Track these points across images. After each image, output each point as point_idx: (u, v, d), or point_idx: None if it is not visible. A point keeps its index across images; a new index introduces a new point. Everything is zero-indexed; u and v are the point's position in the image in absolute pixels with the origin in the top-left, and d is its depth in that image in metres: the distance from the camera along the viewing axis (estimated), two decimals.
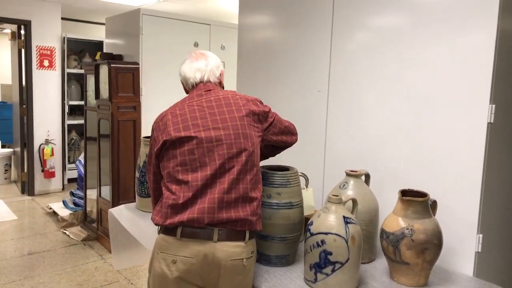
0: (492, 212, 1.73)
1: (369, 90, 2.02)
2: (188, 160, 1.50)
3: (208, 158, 1.49)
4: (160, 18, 4.04)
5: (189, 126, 1.53)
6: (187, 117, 1.55)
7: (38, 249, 3.74)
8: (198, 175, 1.48)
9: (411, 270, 1.52)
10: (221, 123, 1.53)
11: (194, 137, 1.51)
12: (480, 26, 1.62)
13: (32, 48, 5.18)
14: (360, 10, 2.04)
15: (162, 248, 1.48)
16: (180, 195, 1.47)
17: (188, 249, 1.45)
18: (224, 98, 1.60)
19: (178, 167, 1.50)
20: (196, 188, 1.46)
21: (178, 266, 1.45)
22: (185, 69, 1.71)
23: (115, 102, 3.56)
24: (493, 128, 1.61)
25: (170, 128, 1.54)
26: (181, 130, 1.52)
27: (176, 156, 1.51)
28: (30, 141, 5.30)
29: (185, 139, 1.51)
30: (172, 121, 1.55)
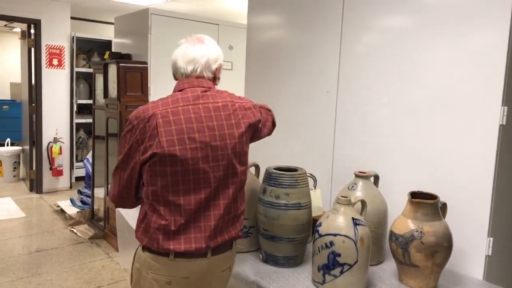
0: (503, 215, 1.71)
1: (378, 91, 2.01)
2: (181, 181, 1.33)
3: (203, 180, 1.35)
4: (168, 18, 4.04)
5: (184, 140, 1.32)
6: (183, 127, 1.33)
7: (45, 246, 3.76)
8: (191, 198, 1.34)
9: (421, 273, 1.50)
10: (219, 140, 1.36)
11: (190, 158, 1.32)
12: (492, 27, 1.60)
13: (42, 47, 5.21)
14: (369, 11, 2.03)
15: (153, 269, 1.37)
16: (171, 219, 1.33)
17: (184, 269, 1.37)
18: (223, 107, 1.41)
19: (168, 187, 1.33)
20: (189, 213, 1.34)
21: (173, 287, 1.38)
22: (177, 55, 1.46)
23: (123, 101, 3.57)
24: (505, 130, 1.60)
25: (162, 139, 1.30)
26: (176, 145, 1.31)
27: (166, 175, 1.32)
28: (39, 139, 5.34)
29: (179, 158, 1.31)
30: (164, 128, 1.31)
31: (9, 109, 7.83)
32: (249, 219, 1.79)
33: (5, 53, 8.68)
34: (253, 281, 1.57)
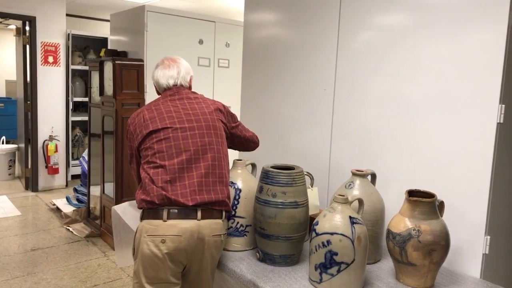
0: (500, 213, 1.71)
1: (376, 89, 2.00)
2: (165, 147, 1.67)
3: (183, 145, 1.68)
4: (165, 15, 4.02)
5: (164, 119, 1.72)
6: (162, 111, 1.75)
7: (41, 245, 3.74)
8: (174, 160, 1.65)
9: (418, 271, 1.50)
10: (194, 116, 1.75)
11: (170, 127, 1.70)
12: (490, 25, 1.59)
13: (37, 44, 5.18)
14: (367, 9, 2.02)
15: (149, 232, 1.61)
16: (158, 178, 1.63)
17: (176, 228, 1.59)
18: (195, 98, 1.84)
19: (156, 154, 1.67)
20: (173, 172, 1.64)
21: (167, 244, 1.59)
22: (158, 75, 1.88)
23: (119, 99, 3.55)
24: (502, 128, 1.59)
25: (148, 122, 1.72)
26: (158, 122, 1.71)
27: (153, 145, 1.69)
28: (34, 137, 5.31)
29: (161, 130, 1.70)
30: (148, 115, 1.74)
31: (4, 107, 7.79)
32: (245, 218, 1.78)
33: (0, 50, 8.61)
34: (249, 280, 1.56)
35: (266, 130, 2.56)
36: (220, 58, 4.38)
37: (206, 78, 4.26)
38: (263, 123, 2.61)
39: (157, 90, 1.93)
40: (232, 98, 4.00)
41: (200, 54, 4.23)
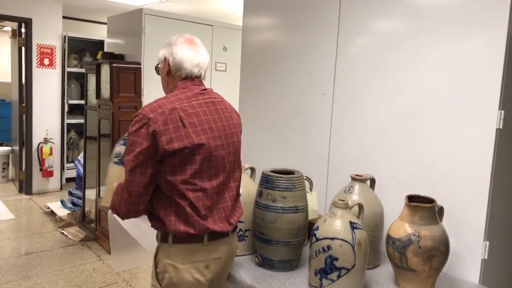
0: (499, 219, 1.71)
1: (374, 94, 2.00)
2: (206, 167, 1.44)
3: (222, 165, 1.49)
4: (162, 18, 4.02)
5: (206, 130, 1.45)
6: (202, 119, 1.46)
7: (35, 249, 3.70)
8: (213, 183, 1.46)
9: (418, 277, 1.50)
10: (228, 129, 1.53)
11: (213, 146, 1.45)
12: (489, 31, 1.60)
13: (33, 46, 5.15)
14: (366, 14, 2.02)
15: (190, 258, 1.44)
16: (200, 204, 1.42)
17: (217, 250, 1.49)
18: (221, 102, 1.58)
19: (196, 174, 1.42)
20: (213, 196, 1.46)
21: (211, 269, 1.48)
22: (183, 56, 1.51)
23: (116, 102, 3.54)
24: (501, 134, 1.60)
25: (188, 130, 1.41)
26: (201, 134, 1.43)
27: (195, 163, 1.41)
28: (29, 140, 5.26)
29: (205, 145, 1.43)
30: (188, 120, 1.42)
31: None
32: (245, 222, 1.77)
33: None
34: (249, 285, 1.56)
35: (264, 134, 2.56)
36: (217, 62, 4.38)
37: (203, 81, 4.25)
38: (261, 127, 2.61)
39: (171, 70, 1.54)
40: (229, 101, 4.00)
41: None
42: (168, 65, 1.53)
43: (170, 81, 1.57)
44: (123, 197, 1.42)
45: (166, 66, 1.54)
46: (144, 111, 1.40)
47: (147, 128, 1.37)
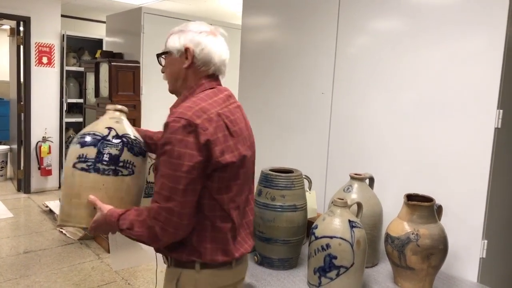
0: (498, 218, 1.72)
1: (373, 94, 2.01)
2: (242, 181, 1.30)
3: (250, 178, 1.38)
4: (161, 17, 4.01)
5: (245, 140, 1.32)
6: (240, 127, 1.31)
7: (34, 247, 3.70)
8: (242, 197, 1.32)
9: (416, 275, 1.50)
10: (252, 138, 1.40)
11: (248, 155, 1.32)
12: (488, 31, 1.61)
13: (31, 44, 5.13)
14: (365, 14, 2.03)
15: (218, 283, 1.30)
16: (236, 222, 1.29)
17: (242, 271, 1.39)
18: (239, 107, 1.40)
19: (239, 190, 1.29)
20: (243, 213, 1.35)
21: None
22: (215, 49, 1.32)
23: (115, 100, 3.53)
24: (500, 134, 1.60)
25: (236, 140, 1.26)
26: (243, 145, 1.30)
27: (239, 177, 1.27)
28: (27, 139, 5.25)
29: (247, 158, 1.30)
30: (233, 129, 1.26)
31: None
32: None
33: None
34: (248, 284, 1.56)
35: (263, 133, 2.56)
36: None
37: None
38: (261, 126, 2.61)
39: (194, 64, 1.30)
40: None
41: None
42: (192, 57, 1.29)
43: (190, 76, 1.32)
44: (171, 223, 1.17)
45: (188, 58, 1.30)
46: (187, 116, 1.18)
47: (196, 136, 1.16)
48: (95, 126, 1.42)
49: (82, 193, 1.32)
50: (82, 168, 1.32)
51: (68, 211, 1.35)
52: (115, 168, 1.33)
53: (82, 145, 1.34)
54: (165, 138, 1.18)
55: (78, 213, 1.34)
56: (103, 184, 1.33)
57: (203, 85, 1.32)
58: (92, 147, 1.33)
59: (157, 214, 1.17)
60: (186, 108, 1.21)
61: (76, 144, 1.36)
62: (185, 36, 1.32)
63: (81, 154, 1.33)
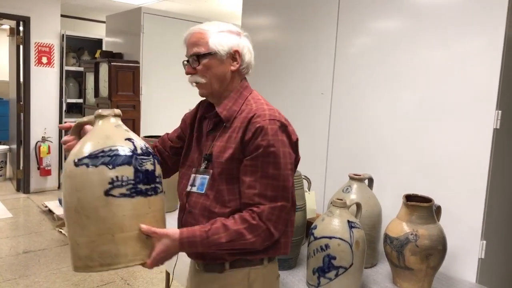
0: (496, 218, 1.72)
1: (373, 94, 2.01)
2: None
3: None
4: (161, 17, 4.01)
5: None
6: None
7: (33, 247, 3.70)
8: None
9: (415, 275, 1.50)
10: None
11: None
12: (487, 31, 1.61)
13: (31, 44, 5.13)
14: (365, 14, 2.03)
15: (276, 274, 1.36)
16: None
17: None
18: None
19: None
20: None
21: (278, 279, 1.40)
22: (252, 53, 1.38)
23: (114, 100, 3.54)
24: (499, 134, 1.61)
25: None
26: None
27: None
28: (27, 139, 5.25)
29: None
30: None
31: None
32: None
33: None
34: None
35: None
36: None
37: None
38: None
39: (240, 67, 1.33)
40: None
41: None
42: (240, 60, 1.32)
43: (235, 79, 1.34)
44: (282, 220, 1.22)
45: (238, 60, 1.31)
46: (278, 117, 1.26)
47: (288, 136, 1.26)
48: (108, 139, 1.15)
49: (127, 224, 1.11)
50: (122, 194, 1.10)
51: (113, 250, 1.10)
52: (155, 185, 1.17)
53: (112, 166, 1.10)
54: (267, 141, 1.19)
55: (129, 249, 1.11)
56: (149, 207, 1.15)
57: (248, 87, 1.38)
58: (127, 166, 1.11)
59: (270, 215, 1.18)
60: (270, 110, 1.27)
61: (98, 166, 1.10)
62: (231, 38, 1.32)
63: (116, 177, 1.10)
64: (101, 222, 1.09)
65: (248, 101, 1.32)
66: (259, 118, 1.23)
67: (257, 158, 1.20)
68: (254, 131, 1.21)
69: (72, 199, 1.12)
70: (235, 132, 1.26)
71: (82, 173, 1.10)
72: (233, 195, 1.24)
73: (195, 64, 1.30)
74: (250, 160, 1.21)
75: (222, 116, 1.30)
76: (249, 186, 1.20)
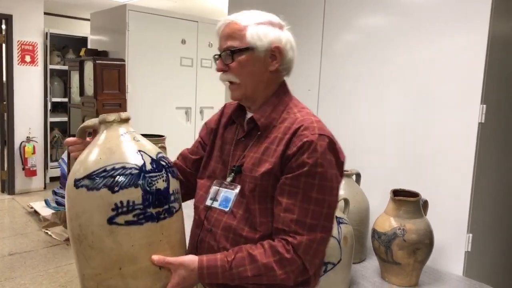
0: (482, 211, 1.74)
1: (359, 90, 2.01)
2: None
3: None
4: (146, 14, 3.97)
5: None
6: None
7: (19, 249, 3.63)
8: None
9: (403, 270, 1.51)
10: None
11: None
12: (472, 27, 1.62)
13: (14, 43, 5.03)
14: (351, 11, 2.03)
15: None
16: None
17: None
18: None
19: None
20: None
21: None
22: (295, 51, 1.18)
23: (100, 99, 3.49)
24: (483, 128, 1.62)
25: None
26: None
27: None
28: (11, 139, 5.16)
29: None
30: None
31: None
32: None
33: None
34: None
35: None
36: (203, 58, 4.35)
37: (189, 78, 4.22)
38: None
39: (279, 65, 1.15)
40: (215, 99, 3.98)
41: (183, 54, 4.19)
42: (280, 58, 1.14)
43: (273, 81, 1.17)
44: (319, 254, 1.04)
45: (275, 59, 1.14)
46: (327, 132, 1.08)
47: (336, 155, 1.07)
48: (112, 154, 0.98)
49: (136, 256, 0.95)
50: (128, 222, 0.94)
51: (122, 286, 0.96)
52: (168, 206, 0.99)
53: (113, 189, 0.93)
54: (314, 159, 1.01)
55: (140, 283, 0.97)
56: (162, 233, 0.98)
57: (288, 92, 1.18)
58: (133, 189, 0.94)
59: (307, 248, 1.00)
60: (319, 123, 1.08)
61: (100, 189, 0.93)
62: (272, 31, 1.13)
63: (120, 203, 0.93)
64: (106, 253, 0.95)
65: (290, 108, 1.14)
66: (307, 131, 1.05)
67: (299, 178, 1.01)
68: (301, 145, 1.02)
69: (73, 225, 0.98)
70: (275, 144, 1.07)
71: (82, 197, 0.95)
72: (265, 217, 1.05)
73: (228, 60, 1.12)
74: (290, 179, 1.02)
75: (259, 123, 1.11)
76: (286, 210, 1.01)
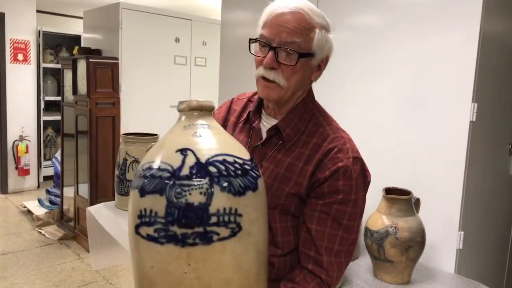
0: (473, 209, 1.75)
1: (351, 88, 2.02)
2: None
3: None
4: (140, 13, 3.95)
5: None
6: None
7: (11, 249, 3.61)
8: None
9: (395, 268, 1.52)
10: None
11: None
12: (463, 26, 1.63)
13: (6, 41, 5.00)
14: (343, 8, 2.03)
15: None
16: None
17: None
18: None
19: None
20: None
21: None
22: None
23: (93, 98, 3.47)
24: (475, 127, 1.63)
25: None
26: None
27: None
28: (3, 138, 5.13)
29: None
30: None
31: None
32: None
33: None
34: None
35: None
36: (197, 57, 4.34)
37: (183, 76, 4.21)
38: None
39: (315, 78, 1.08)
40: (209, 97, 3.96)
41: (177, 52, 4.18)
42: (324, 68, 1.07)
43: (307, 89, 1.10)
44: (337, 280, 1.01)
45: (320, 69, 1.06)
46: (359, 155, 1.01)
47: (365, 177, 1.01)
48: (158, 151, 0.83)
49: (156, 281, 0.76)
50: (149, 237, 0.76)
51: None
52: (205, 230, 0.74)
53: (142, 192, 0.78)
54: (349, 187, 0.94)
55: None
56: (189, 263, 0.74)
57: (314, 98, 1.10)
58: (158, 196, 0.75)
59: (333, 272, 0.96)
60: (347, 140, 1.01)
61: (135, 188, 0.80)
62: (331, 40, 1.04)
63: (144, 210, 0.76)
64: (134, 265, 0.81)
65: (316, 118, 1.06)
66: (341, 154, 0.96)
67: (331, 205, 0.94)
68: (335, 170, 0.94)
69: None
70: (302, 161, 0.97)
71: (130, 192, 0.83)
72: (287, 236, 0.98)
73: (283, 57, 0.99)
74: (321, 205, 0.94)
75: (284, 134, 1.01)
76: (316, 237, 0.95)
